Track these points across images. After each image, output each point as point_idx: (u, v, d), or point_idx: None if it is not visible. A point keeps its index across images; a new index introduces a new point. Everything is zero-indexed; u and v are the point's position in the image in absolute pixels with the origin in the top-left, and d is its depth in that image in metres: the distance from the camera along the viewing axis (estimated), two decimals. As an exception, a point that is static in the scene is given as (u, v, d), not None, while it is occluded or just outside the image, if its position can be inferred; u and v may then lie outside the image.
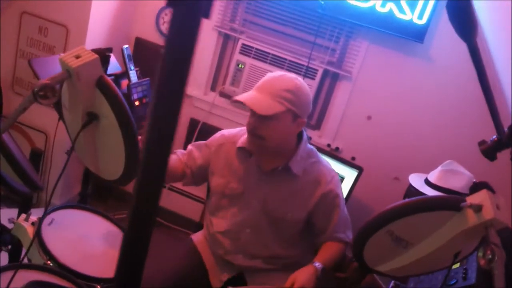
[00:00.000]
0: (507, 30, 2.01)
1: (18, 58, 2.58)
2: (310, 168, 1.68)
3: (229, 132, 1.78)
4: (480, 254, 0.95)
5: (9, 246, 1.67)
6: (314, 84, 2.61)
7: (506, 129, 0.97)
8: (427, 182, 2.11)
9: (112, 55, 2.00)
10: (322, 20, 2.55)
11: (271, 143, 1.58)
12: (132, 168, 1.20)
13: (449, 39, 2.37)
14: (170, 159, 1.72)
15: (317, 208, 1.67)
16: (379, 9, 2.39)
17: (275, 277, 1.70)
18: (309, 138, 1.80)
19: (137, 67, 1.98)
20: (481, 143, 1.02)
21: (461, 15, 0.78)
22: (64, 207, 1.72)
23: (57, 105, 1.33)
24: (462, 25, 0.79)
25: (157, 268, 1.68)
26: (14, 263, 1.60)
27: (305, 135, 1.71)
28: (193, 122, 2.89)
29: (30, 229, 1.53)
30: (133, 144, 1.15)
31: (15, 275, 1.18)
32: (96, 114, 1.17)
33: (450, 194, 1.96)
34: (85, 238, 1.63)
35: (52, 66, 1.74)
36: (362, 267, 1.31)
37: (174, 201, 3.00)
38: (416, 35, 2.38)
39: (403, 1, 2.36)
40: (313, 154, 1.72)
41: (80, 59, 1.09)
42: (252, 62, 2.68)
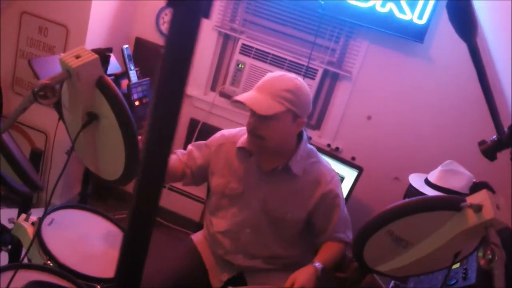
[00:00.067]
0: (507, 30, 2.01)
1: (18, 58, 2.58)
2: (310, 168, 1.68)
3: (229, 132, 1.78)
4: (480, 254, 0.95)
5: (9, 246, 1.67)
6: (314, 84, 2.61)
7: (506, 129, 0.97)
8: (427, 182, 2.11)
9: (112, 55, 2.00)
10: (322, 20, 2.55)
11: (271, 143, 1.58)
12: (132, 168, 1.20)
13: (449, 39, 2.37)
14: (170, 159, 1.73)
15: (317, 208, 1.67)
16: (379, 9, 2.39)
17: (275, 277, 1.70)
18: (309, 138, 1.80)
19: (137, 67, 1.98)
20: (481, 143, 1.02)
21: (461, 15, 0.78)
22: (64, 207, 1.72)
23: (57, 105, 1.33)
24: (462, 25, 0.79)
25: (157, 268, 1.68)
26: (14, 263, 1.60)
27: (305, 135, 1.70)
28: (193, 122, 2.89)
29: (30, 229, 1.53)
30: (133, 144, 1.15)
31: (15, 275, 1.18)
32: (96, 114, 1.17)
33: (450, 194, 1.96)
34: (85, 238, 1.63)
35: (52, 66, 1.74)
36: (362, 267, 1.31)
37: (174, 201, 3.00)
38: (416, 35, 2.38)
39: (403, 1, 2.36)
40: (313, 154, 1.72)
41: (80, 59, 1.09)
42: (252, 62, 2.68)
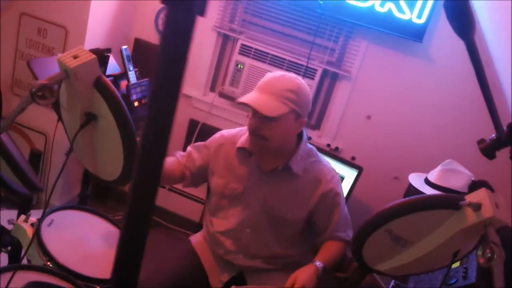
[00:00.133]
0: (507, 30, 2.00)
1: (17, 60, 2.59)
2: (310, 168, 1.68)
3: (229, 133, 1.77)
4: (479, 253, 0.95)
5: (9, 247, 1.66)
6: (314, 84, 2.61)
7: (505, 128, 0.97)
8: (427, 182, 2.11)
9: (111, 56, 2.00)
10: (321, 20, 2.55)
11: (273, 144, 1.58)
12: (131, 169, 1.20)
13: (449, 39, 2.36)
14: (169, 161, 1.73)
15: (318, 207, 1.67)
16: (378, 9, 2.39)
17: (276, 277, 1.70)
18: (309, 138, 1.80)
19: (136, 68, 1.98)
20: (480, 142, 1.02)
21: (459, 13, 0.78)
22: (64, 208, 1.72)
23: (56, 106, 1.33)
24: (460, 23, 0.79)
25: (157, 269, 1.68)
26: (14, 264, 1.59)
27: (305, 135, 1.70)
28: (193, 123, 2.89)
29: (30, 230, 1.53)
30: (132, 145, 1.15)
31: (14, 276, 1.18)
32: (94, 115, 1.17)
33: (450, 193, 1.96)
34: (85, 239, 1.63)
35: (51, 67, 1.74)
36: (362, 266, 1.31)
37: (174, 202, 3.00)
38: (415, 35, 2.38)
39: (402, 1, 2.35)
40: (313, 154, 1.72)
41: (78, 59, 1.09)
42: (252, 63, 2.68)
